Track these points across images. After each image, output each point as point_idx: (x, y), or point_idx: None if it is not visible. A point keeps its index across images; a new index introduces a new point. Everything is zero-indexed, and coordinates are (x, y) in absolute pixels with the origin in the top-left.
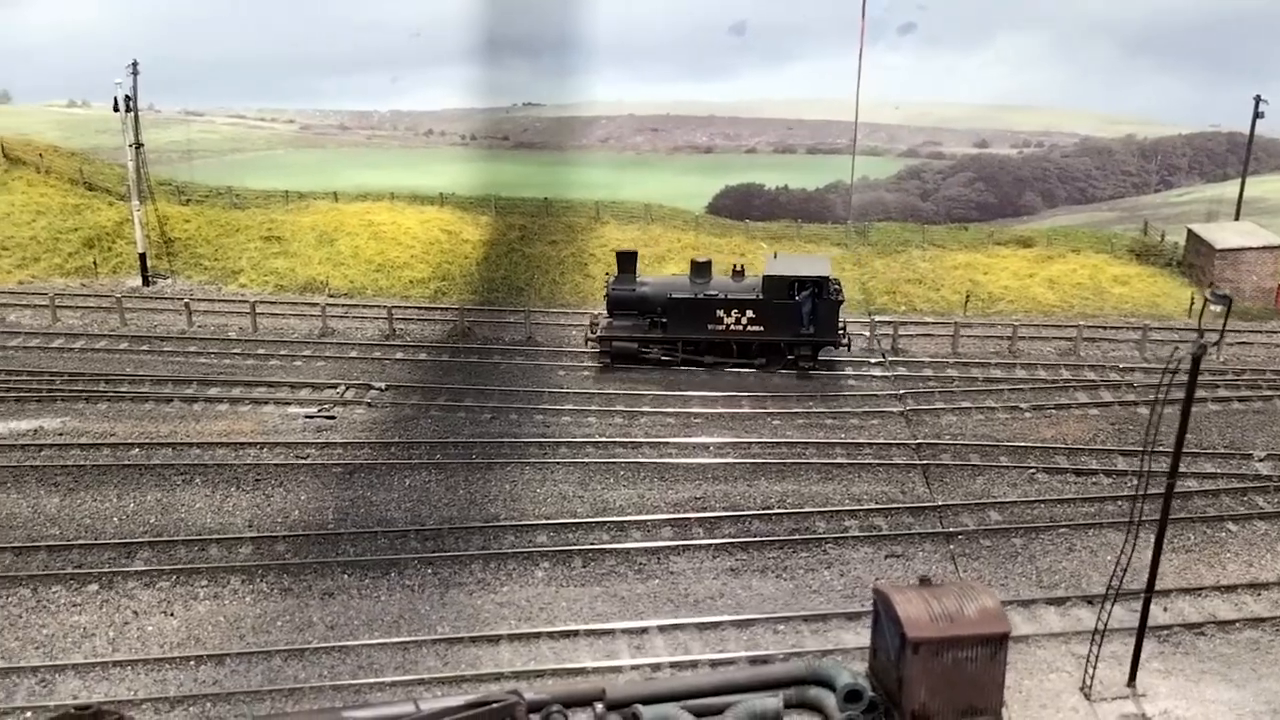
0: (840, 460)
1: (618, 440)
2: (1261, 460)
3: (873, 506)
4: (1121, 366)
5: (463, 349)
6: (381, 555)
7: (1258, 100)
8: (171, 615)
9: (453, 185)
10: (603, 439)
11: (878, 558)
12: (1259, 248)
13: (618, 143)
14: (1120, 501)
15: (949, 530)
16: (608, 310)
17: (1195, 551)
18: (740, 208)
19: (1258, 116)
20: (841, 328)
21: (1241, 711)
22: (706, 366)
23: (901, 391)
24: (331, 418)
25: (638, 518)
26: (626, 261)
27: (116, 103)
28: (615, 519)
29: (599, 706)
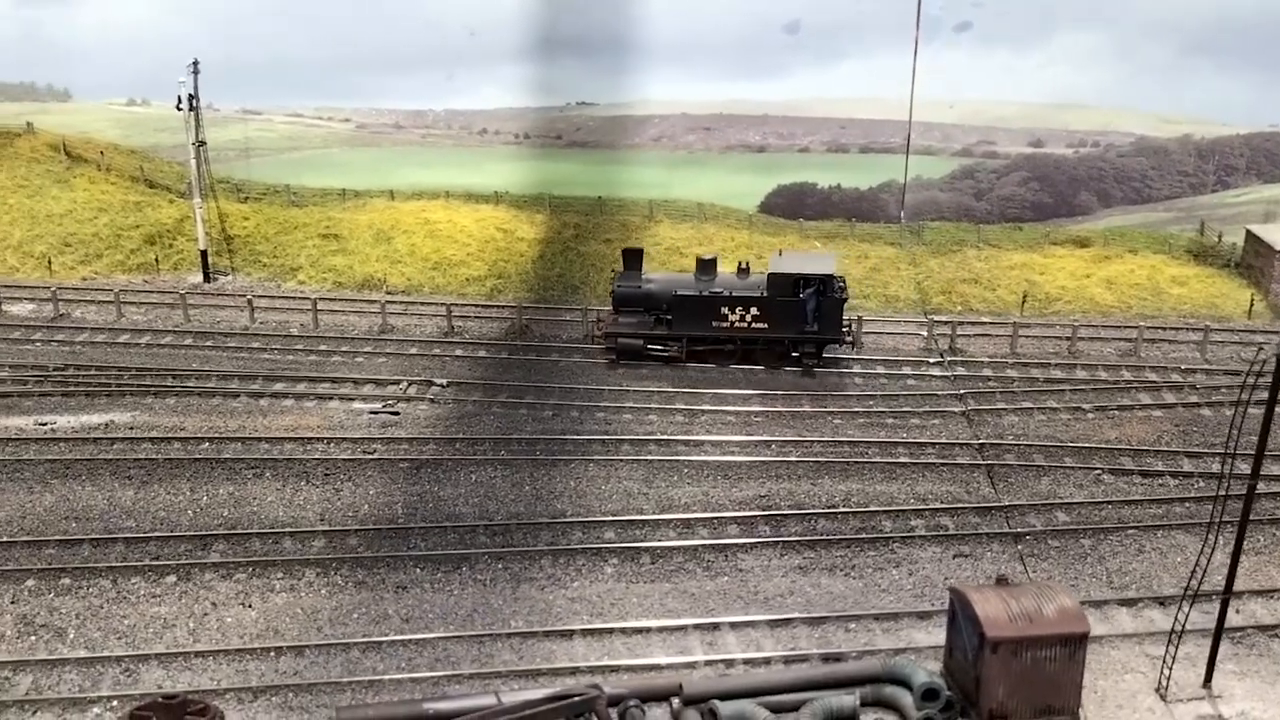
0: (903, 460)
1: (680, 438)
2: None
3: (938, 506)
4: (1183, 368)
5: (521, 346)
6: (452, 550)
7: None
8: (250, 607)
9: (506, 184)
10: (665, 436)
11: (946, 557)
12: None
13: (670, 141)
14: (1188, 503)
15: (1017, 531)
16: (613, 307)
17: (1266, 554)
18: (793, 207)
19: None
20: (846, 326)
21: None
22: (711, 364)
23: (962, 391)
24: (396, 414)
25: (704, 515)
26: (632, 259)
27: (180, 101)
28: (681, 516)
29: (676, 701)
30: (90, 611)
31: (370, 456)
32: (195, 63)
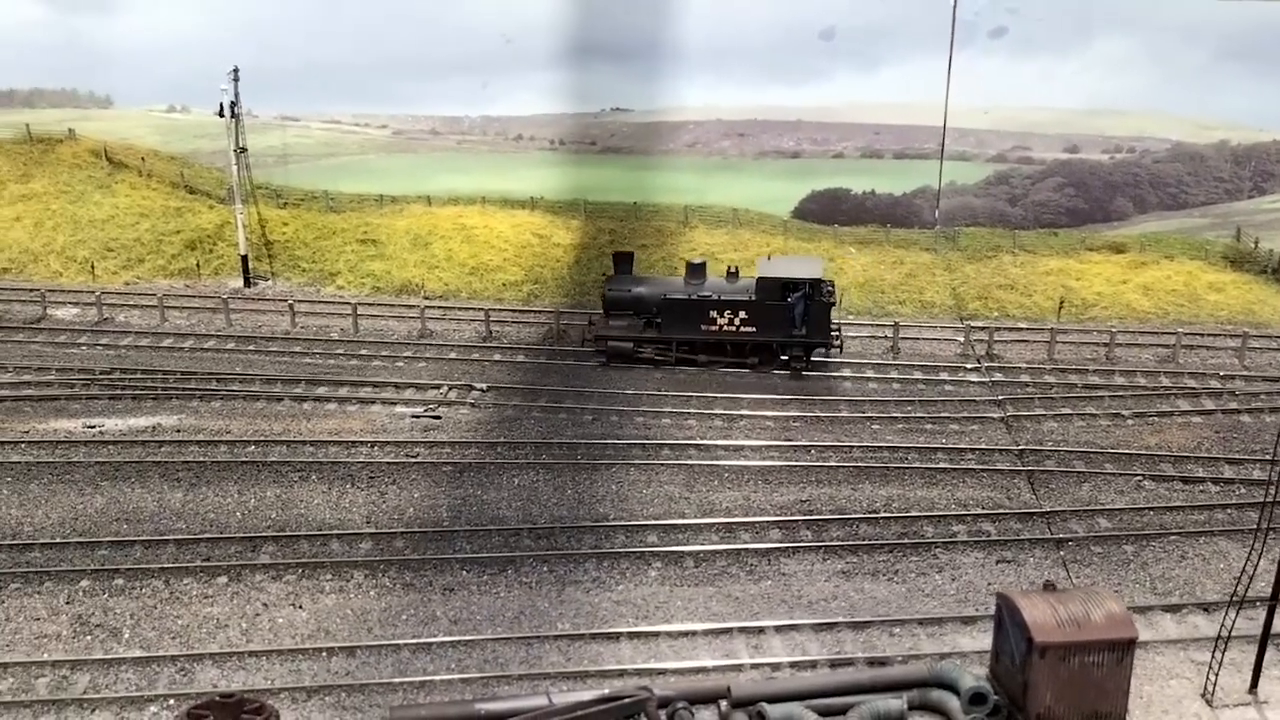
0: (943, 465)
1: (720, 443)
2: None
3: (980, 512)
4: (1221, 374)
5: (558, 351)
6: (497, 552)
7: None
8: (300, 608)
9: (541, 189)
10: (705, 441)
11: (988, 563)
12: None
13: (705, 147)
14: (1230, 510)
15: (1059, 536)
16: (604, 310)
17: None
18: (826, 212)
19: None
20: (836, 329)
21: None
22: (700, 366)
23: (1000, 397)
24: (437, 417)
25: (745, 519)
26: (623, 262)
27: (222, 108)
28: (723, 520)
29: (724, 704)
30: (144, 612)
31: (413, 460)
32: (235, 70)
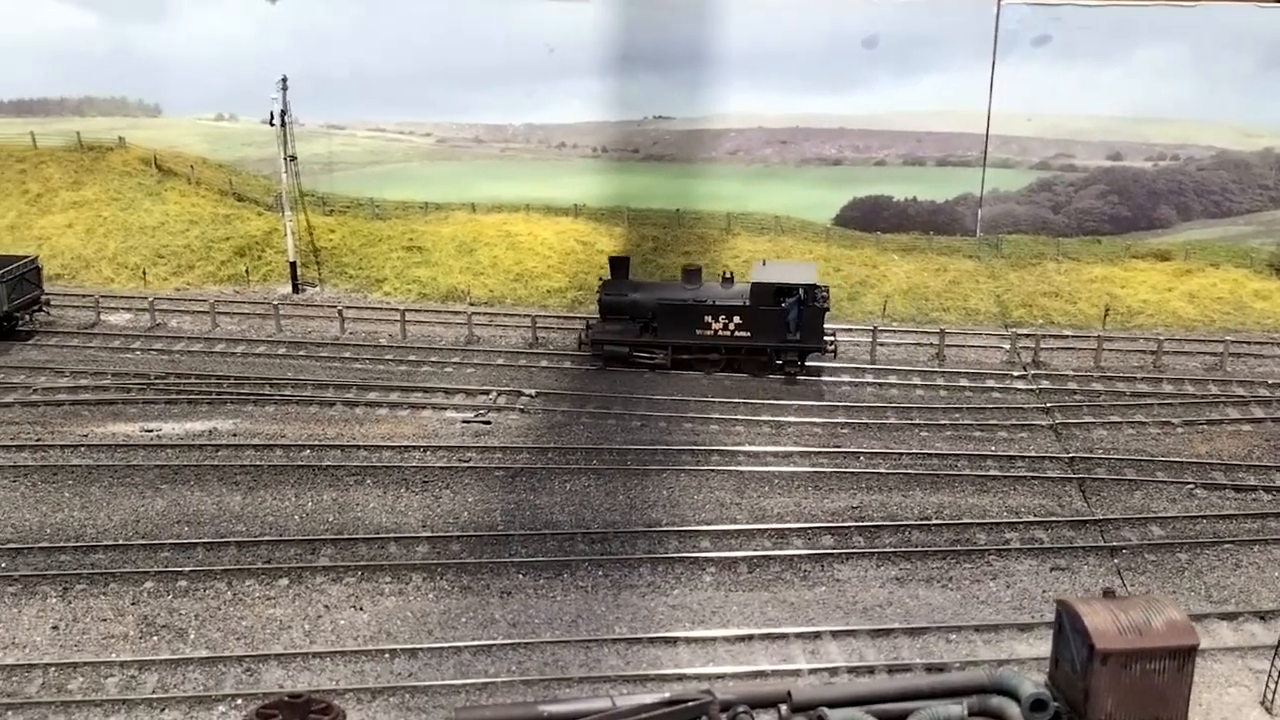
0: (993, 472)
1: (768, 449)
2: None
3: (1032, 519)
4: (1270, 382)
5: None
6: (552, 557)
7: None
8: (361, 610)
9: (584, 196)
10: (753, 448)
11: (1042, 570)
12: None
13: (747, 155)
14: None
15: (1112, 544)
16: (600, 314)
17: None
18: (868, 219)
19: None
20: (831, 335)
21: None
22: (698, 370)
23: (1048, 405)
24: (487, 423)
25: (797, 525)
26: (619, 267)
27: (272, 117)
28: (775, 526)
29: (784, 708)
30: (209, 613)
31: (466, 464)
32: (284, 79)
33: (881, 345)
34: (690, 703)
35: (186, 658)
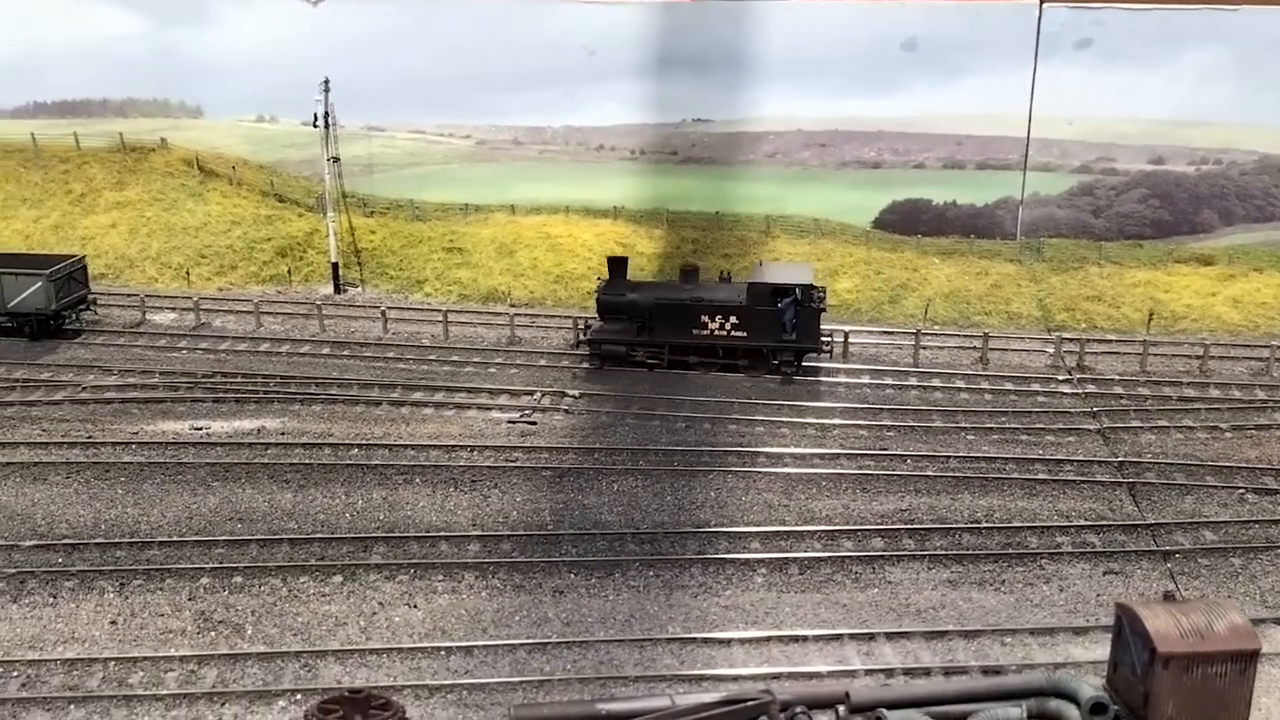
0: (1042, 476)
1: (815, 452)
2: None
3: (1083, 523)
4: None
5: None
6: (603, 556)
7: None
8: (415, 607)
9: (623, 199)
10: (800, 450)
11: (1095, 574)
12: None
13: (785, 158)
14: None
15: (1165, 549)
16: (598, 314)
17: None
18: (907, 222)
19: None
20: (827, 336)
21: None
22: (692, 369)
23: (1095, 409)
24: (533, 423)
25: (846, 527)
26: (617, 267)
27: (316, 119)
28: (824, 528)
29: (842, 709)
30: (265, 609)
31: (513, 464)
32: (326, 81)
33: (924, 349)
34: (749, 702)
35: (244, 653)
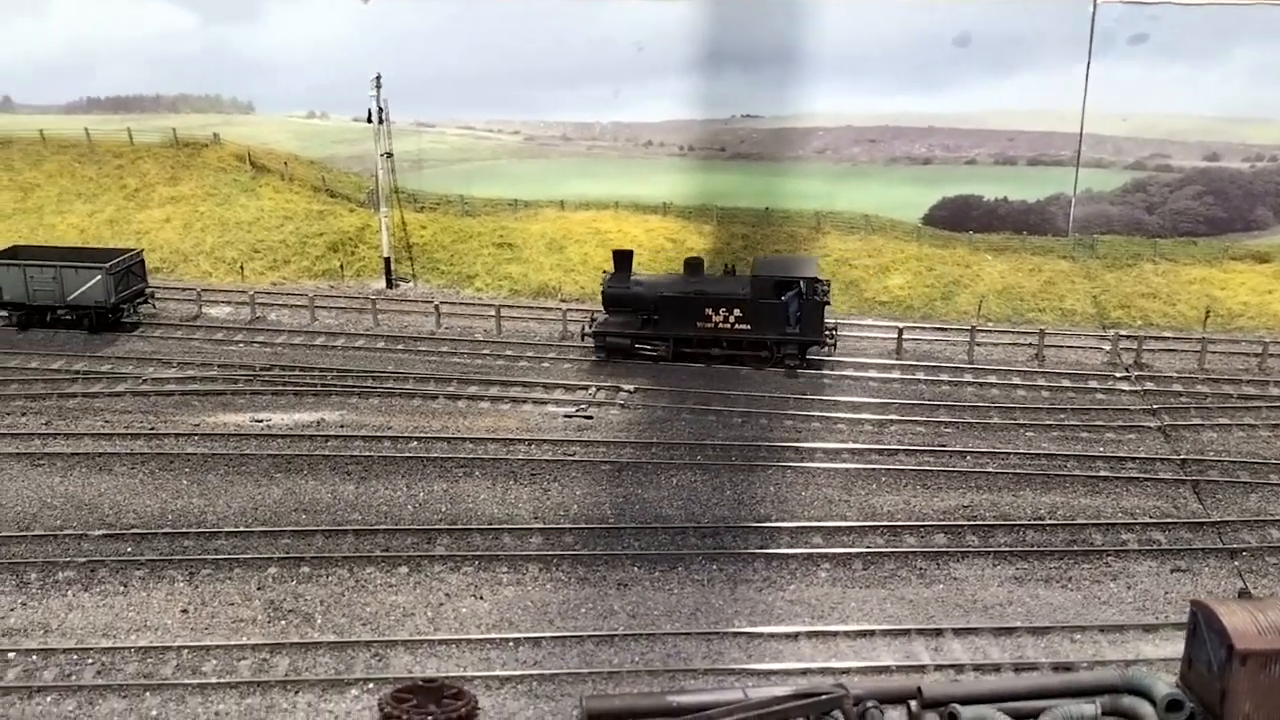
0: (1104, 474)
1: (873, 447)
2: None
3: (1148, 521)
4: None
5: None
6: (666, 550)
7: None
8: (481, 599)
9: (671, 195)
10: (857, 445)
11: (1163, 572)
12: None
13: (834, 154)
14: None
15: (1231, 547)
16: (604, 306)
17: None
18: (957, 219)
19: None
20: (830, 329)
21: None
22: (698, 362)
23: (1155, 407)
24: (589, 417)
25: (908, 523)
26: (622, 260)
27: (369, 114)
28: (886, 524)
29: (914, 704)
30: (333, 599)
31: (571, 458)
32: (378, 77)
33: (978, 345)
34: (823, 696)
35: (315, 642)
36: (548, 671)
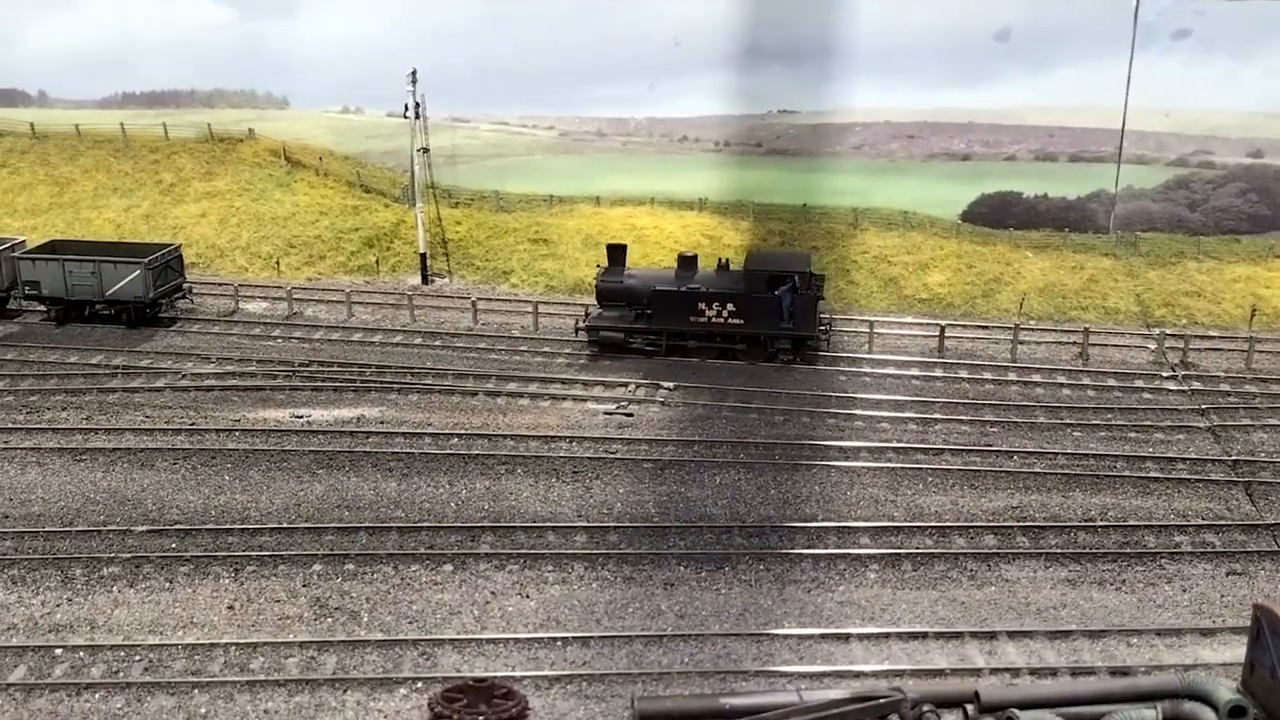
0: (1155, 475)
1: (918, 446)
2: None
3: (1201, 522)
4: None
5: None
6: (711, 549)
7: None
8: (527, 597)
9: (707, 191)
10: (902, 444)
11: (1218, 574)
12: None
13: (872, 149)
14: None
15: None
16: (597, 301)
17: None
18: (996, 215)
19: None
20: (824, 324)
21: None
22: (695, 358)
23: (1203, 406)
24: (629, 415)
25: (956, 524)
26: (616, 254)
27: (406, 109)
28: (934, 524)
29: (971, 708)
30: (379, 596)
31: (613, 456)
32: (414, 73)
33: (1021, 344)
34: (881, 700)
35: (363, 640)
36: (597, 672)
